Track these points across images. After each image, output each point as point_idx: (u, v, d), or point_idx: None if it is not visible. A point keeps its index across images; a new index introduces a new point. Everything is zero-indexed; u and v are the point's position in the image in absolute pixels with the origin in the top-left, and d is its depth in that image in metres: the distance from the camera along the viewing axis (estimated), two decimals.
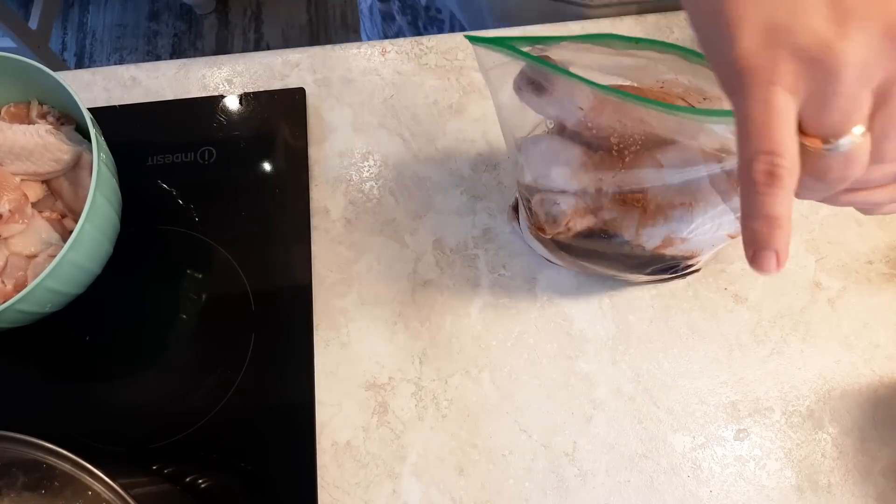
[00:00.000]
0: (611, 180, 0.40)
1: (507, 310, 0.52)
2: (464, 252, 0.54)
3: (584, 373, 0.50)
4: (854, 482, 0.47)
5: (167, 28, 1.82)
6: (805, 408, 0.49)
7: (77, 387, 0.52)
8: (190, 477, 0.49)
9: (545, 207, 0.42)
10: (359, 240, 0.55)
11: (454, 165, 0.56)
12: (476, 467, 0.48)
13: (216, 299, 0.54)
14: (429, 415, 0.49)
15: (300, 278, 0.53)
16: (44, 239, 0.49)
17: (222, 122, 0.58)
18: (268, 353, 0.51)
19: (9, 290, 0.47)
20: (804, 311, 0.51)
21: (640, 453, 0.48)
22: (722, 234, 0.41)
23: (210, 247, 0.55)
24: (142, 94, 0.60)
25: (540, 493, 0.47)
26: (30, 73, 0.50)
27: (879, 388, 0.49)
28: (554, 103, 0.38)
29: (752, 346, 0.50)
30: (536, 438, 0.49)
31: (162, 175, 0.57)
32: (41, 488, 0.42)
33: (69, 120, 0.53)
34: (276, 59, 0.61)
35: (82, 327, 0.53)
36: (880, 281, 0.51)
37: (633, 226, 0.41)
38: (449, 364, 0.51)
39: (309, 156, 0.57)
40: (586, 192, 0.41)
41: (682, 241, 0.41)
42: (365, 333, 0.52)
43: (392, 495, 0.48)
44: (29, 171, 0.50)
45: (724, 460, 0.48)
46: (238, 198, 0.56)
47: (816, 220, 0.53)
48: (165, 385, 0.52)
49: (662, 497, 0.47)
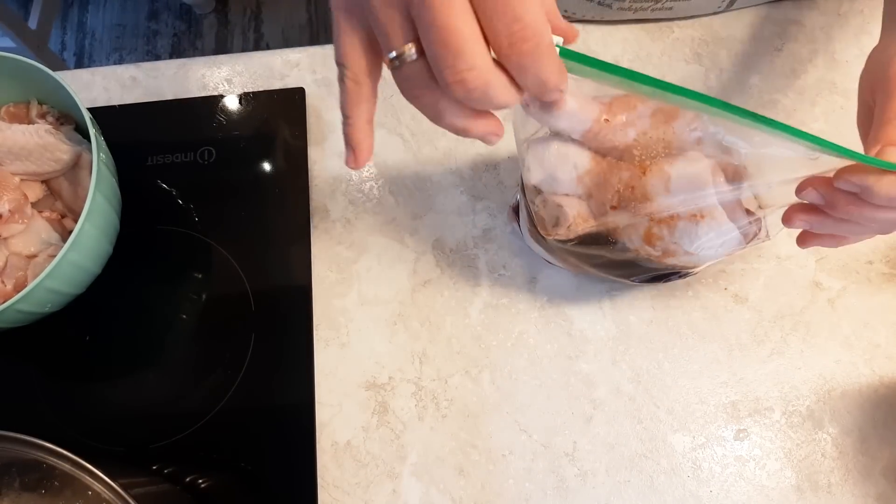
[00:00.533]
0: (617, 187, 0.39)
1: (507, 310, 0.52)
2: (464, 252, 0.54)
3: (585, 373, 0.50)
4: (854, 482, 0.47)
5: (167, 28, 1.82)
6: (805, 408, 0.49)
7: (77, 387, 0.52)
8: (190, 477, 0.49)
9: (548, 209, 0.42)
10: (359, 240, 0.55)
11: (454, 165, 0.56)
12: (476, 467, 0.48)
13: (216, 299, 0.54)
14: (429, 415, 0.49)
15: (300, 278, 0.53)
16: (43, 239, 0.49)
17: (222, 122, 0.58)
18: (268, 353, 0.51)
19: (9, 290, 0.47)
20: (804, 311, 0.51)
21: (640, 453, 0.48)
22: (725, 250, 0.41)
23: (210, 247, 0.55)
24: (141, 93, 0.60)
25: (540, 494, 0.47)
26: (29, 72, 0.50)
27: (880, 388, 0.49)
28: (563, 118, 0.38)
29: (752, 346, 0.50)
30: (536, 438, 0.49)
31: (161, 175, 0.57)
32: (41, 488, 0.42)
33: (69, 120, 0.53)
34: (276, 58, 0.61)
35: (82, 327, 0.53)
36: (880, 281, 0.51)
37: (636, 234, 0.41)
38: (449, 364, 0.51)
39: (308, 156, 0.57)
40: (591, 196, 0.41)
41: (687, 254, 0.41)
42: (365, 333, 0.52)
43: (392, 495, 0.48)
44: (29, 170, 0.50)
45: (724, 460, 0.48)
46: (238, 198, 0.56)
47: None
48: (165, 385, 0.52)
49: (662, 497, 0.47)
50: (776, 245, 0.52)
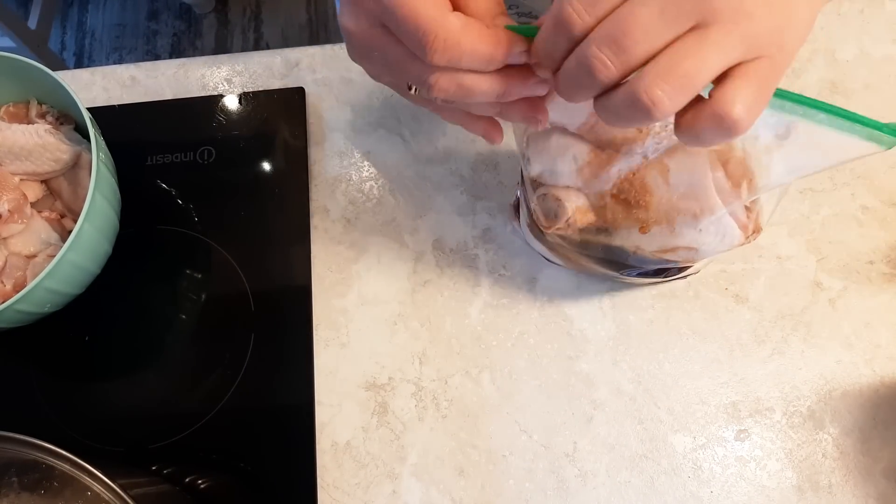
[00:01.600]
0: (615, 179, 0.39)
1: (507, 310, 0.52)
2: (464, 252, 0.54)
3: (585, 373, 0.50)
4: (855, 482, 0.47)
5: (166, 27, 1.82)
6: (806, 408, 0.49)
7: (76, 387, 0.52)
8: (189, 477, 0.49)
9: (548, 203, 0.42)
10: (359, 240, 0.54)
11: (454, 165, 0.56)
12: (476, 468, 0.48)
13: (215, 299, 0.54)
14: (429, 415, 0.49)
15: (300, 278, 0.53)
16: (43, 239, 0.49)
17: (222, 122, 0.58)
18: (267, 353, 0.51)
19: (8, 290, 0.47)
20: (805, 312, 0.51)
21: (640, 454, 0.48)
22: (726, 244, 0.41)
23: (209, 247, 0.55)
24: (141, 93, 0.60)
25: (540, 494, 0.47)
26: (29, 72, 0.50)
27: (880, 389, 0.49)
28: (556, 109, 0.38)
29: (752, 347, 0.50)
30: (537, 439, 0.49)
31: (161, 175, 0.57)
32: (40, 488, 0.42)
33: (68, 119, 0.53)
34: (276, 58, 0.61)
35: (82, 327, 0.53)
36: (881, 281, 0.51)
37: (635, 227, 0.41)
38: (449, 364, 0.51)
39: (309, 156, 0.57)
40: (591, 188, 0.41)
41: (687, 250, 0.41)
42: (365, 333, 0.52)
43: (392, 496, 0.48)
44: (28, 170, 0.50)
45: (724, 461, 0.48)
46: (238, 197, 0.56)
47: (817, 219, 0.53)
48: (165, 385, 0.52)
49: (663, 498, 0.47)
50: (776, 245, 0.52)
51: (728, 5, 0.26)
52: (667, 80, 0.26)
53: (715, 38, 0.26)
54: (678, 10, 0.26)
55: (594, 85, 0.27)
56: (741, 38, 0.26)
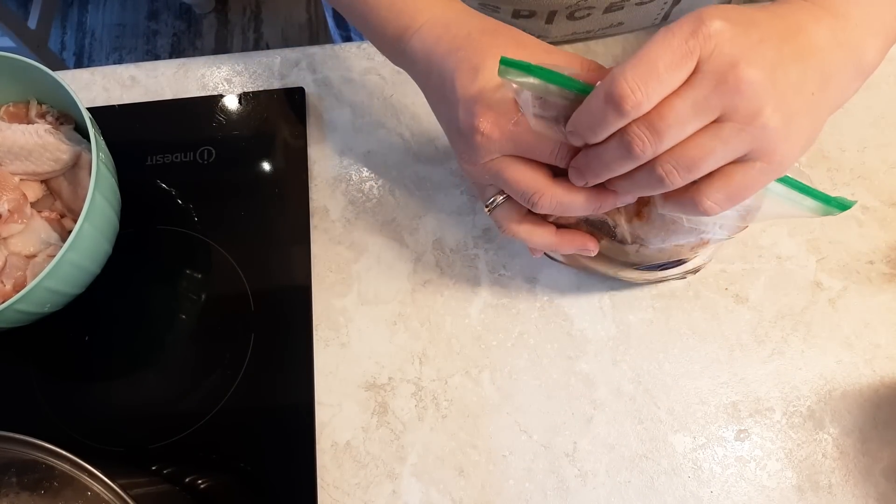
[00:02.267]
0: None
1: (507, 310, 0.52)
2: (464, 252, 0.54)
3: (585, 373, 0.50)
4: (855, 483, 0.47)
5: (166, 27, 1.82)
6: (806, 408, 0.49)
7: (76, 387, 0.52)
8: (189, 477, 0.49)
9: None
10: (359, 240, 0.54)
11: (454, 165, 0.56)
12: (476, 468, 0.48)
13: (215, 299, 0.54)
14: (429, 415, 0.49)
15: (300, 278, 0.53)
16: (43, 239, 0.49)
17: (222, 122, 0.58)
18: (267, 353, 0.51)
19: (8, 290, 0.47)
20: (805, 312, 0.51)
21: (640, 454, 0.48)
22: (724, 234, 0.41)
23: (209, 247, 0.55)
24: (141, 93, 0.60)
25: (540, 494, 0.47)
26: (29, 72, 0.50)
27: (880, 389, 0.49)
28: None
29: (752, 347, 0.50)
30: (537, 439, 0.49)
31: (161, 175, 0.57)
32: (40, 489, 0.42)
33: (68, 119, 0.53)
34: (276, 58, 0.61)
35: (81, 327, 0.53)
36: (881, 281, 0.51)
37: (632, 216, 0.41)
38: (449, 364, 0.51)
39: (309, 156, 0.57)
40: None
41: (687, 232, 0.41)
42: (365, 333, 0.52)
43: (392, 496, 0.48)
44: (28, 170, 0.50)
45: (724, 461, 0.48)
46: (238, 198, 0.56)
47: (817, 220, 0.53)
48: (165, 385, 0.52)
49: (663, 498, 0.47)
50: (776, 245, 0.52)
51: (748, 108, 0.30)
52: (679, 161, 0.32)
53: (727, 135, 0.31)
54: (707, 105, 0.30)
55: (629, 158, 0.32)
56: (750, 140, 0.31)
